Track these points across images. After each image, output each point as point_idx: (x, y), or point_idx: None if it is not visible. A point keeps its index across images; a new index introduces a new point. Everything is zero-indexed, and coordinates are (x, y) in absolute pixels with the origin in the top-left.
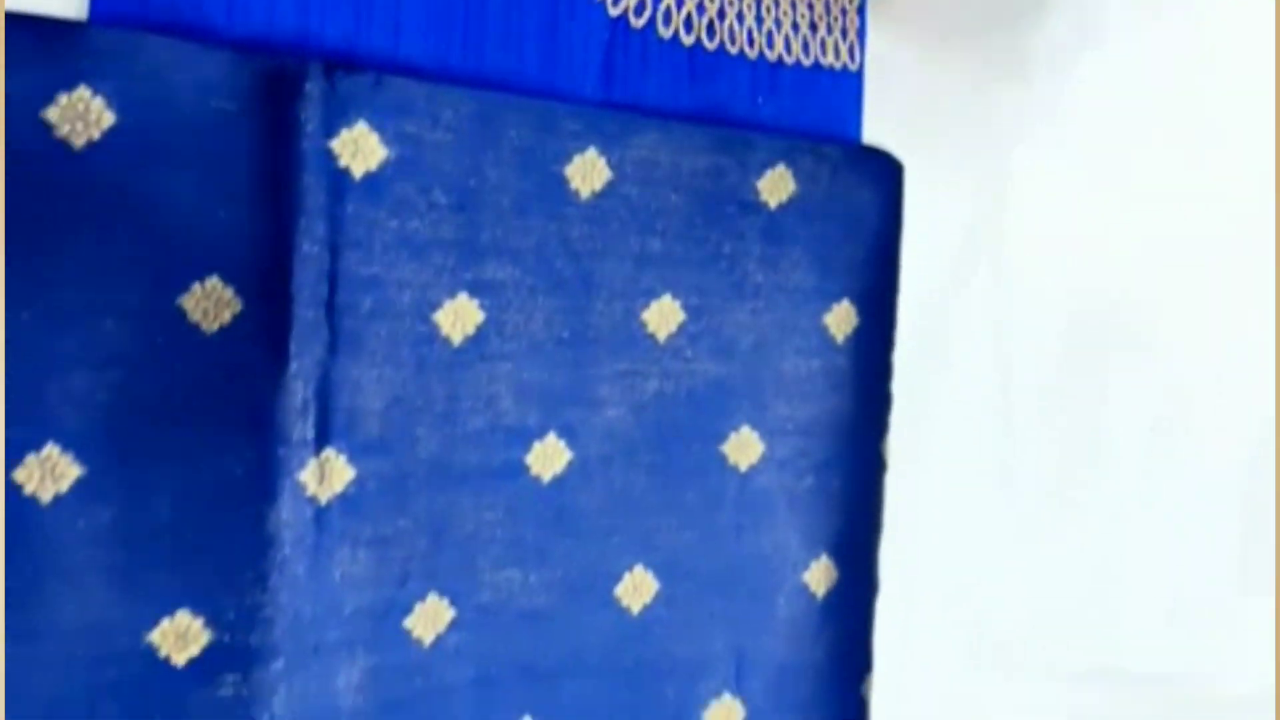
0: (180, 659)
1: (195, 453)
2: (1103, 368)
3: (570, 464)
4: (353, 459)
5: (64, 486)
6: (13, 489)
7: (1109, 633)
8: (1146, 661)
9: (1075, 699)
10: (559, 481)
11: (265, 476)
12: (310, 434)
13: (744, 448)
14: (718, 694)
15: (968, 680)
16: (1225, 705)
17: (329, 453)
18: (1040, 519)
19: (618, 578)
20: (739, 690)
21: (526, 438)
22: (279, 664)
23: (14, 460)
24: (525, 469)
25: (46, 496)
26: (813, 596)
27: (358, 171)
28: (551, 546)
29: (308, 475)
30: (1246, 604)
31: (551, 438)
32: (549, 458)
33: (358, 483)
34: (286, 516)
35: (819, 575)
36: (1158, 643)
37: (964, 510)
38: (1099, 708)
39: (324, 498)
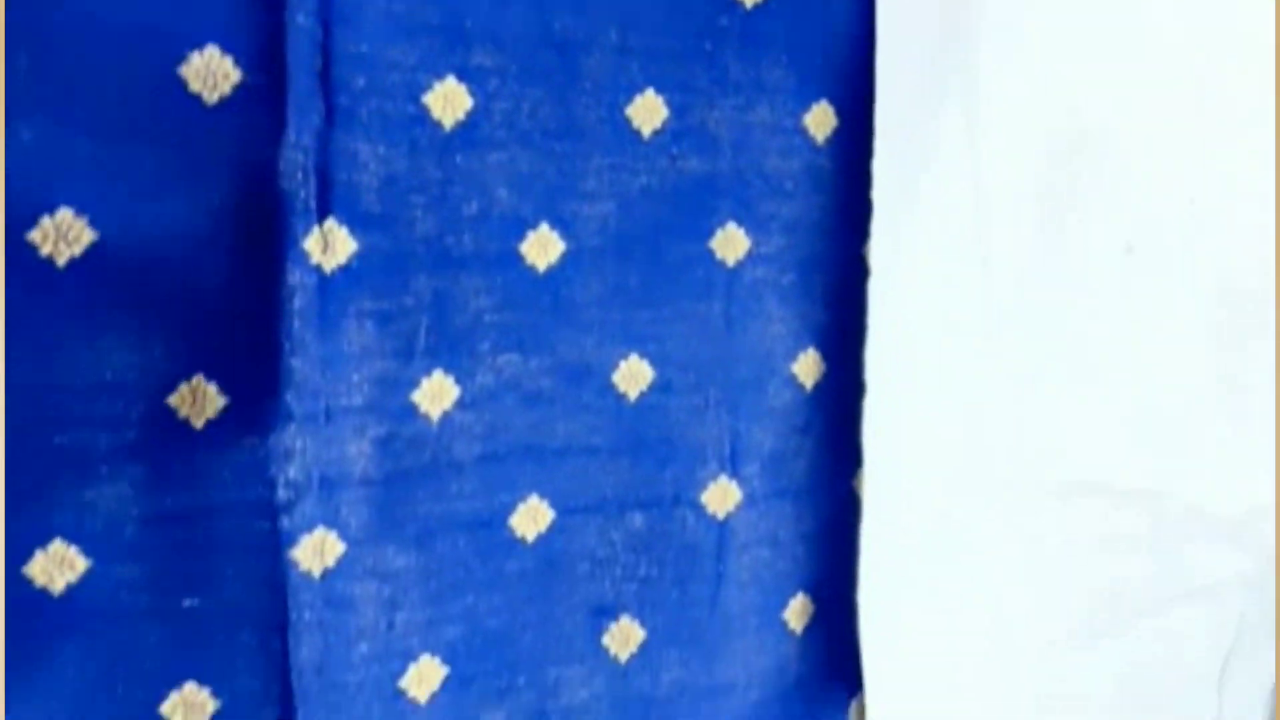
0: (199, 421)
1: (202, 219)
2: (1077, 188)
3: (564, 255)
4: (353, 232)
5: (78, 251)
6: (28, 249)
7: (1092, 450)
8: (1131, 478)
9: (1062, 513)
10: (554, 272)
11: (271, 242)
12: (312, 203)
13: (730, 243)
14: (715, 476)
15: (956, 491)
16: (1211, 522)
17: (330, 223)
18: (1020, 335)
19: (614, 365)
20: (735, 474)
21: (520, 227)
22: (292, 428)
23: (29, 221)
24: (520, 258)
25: (62, 260)
26: (801, 387)
27: None
28: (549, 334)
29: (311, 243)
30: (1226, 424)
31: (545, 228)
32: (543, 248)
33: (360, 256)
34: (293, 282)
35: (807, 366)
36: (1140, 460)
37: (946, 326)
38: (1086, 521)
39: (328, 267)
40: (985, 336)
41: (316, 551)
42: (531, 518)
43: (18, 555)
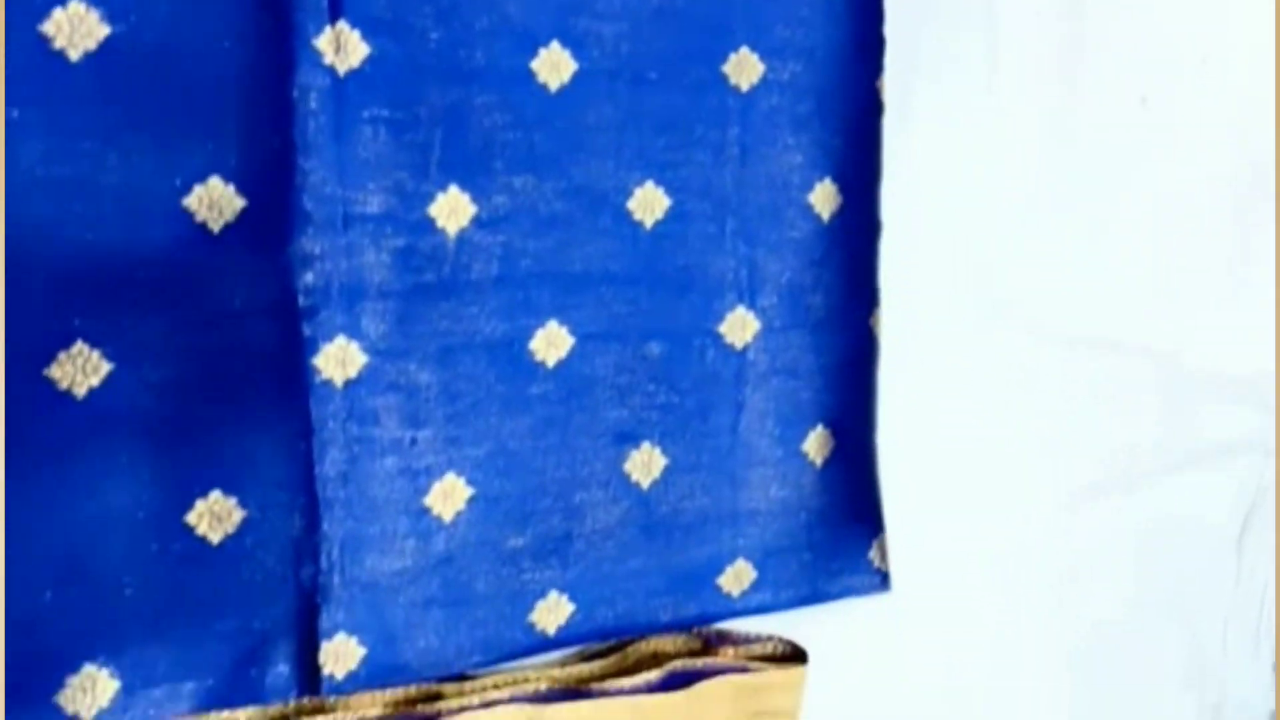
0: (216, 227)
1: (213, 16)
2: (1092, 34)
3: (576, 75)
4: (365, 36)
5: (92, 45)
6: (41, 41)
7: (1103, 304)
8: (1142, 335)
9: (1077, 365)
10: (566, 92)
11: (283, 40)
12: (323, 2)
13: (744, 67)
14: (732, 307)
15: (972, 338)
16: (1223, 383)
17: (342, 25)
18: (1033, 183)
19: (629, 192)
20: (752, 304)
21: (532, 43)
22: (310, 231)
23: (41, 12)
24: (532, 75)
25: (76, 54)
26: (818, 218)
27: None
28: (563, 156)
29: (324, 43)
30: (1240, 282)
31: (556, 46)
32: (555, 66)
33: (372, 61)
34: (306, 82)
35: (823, 197)
36: (1152, 317)
37: (958, 173)
38: (1096, 375)
39: (341, 70)
40: (998, 184)
41: (339, 361)
42: (551, 342)
43: (39, 357)
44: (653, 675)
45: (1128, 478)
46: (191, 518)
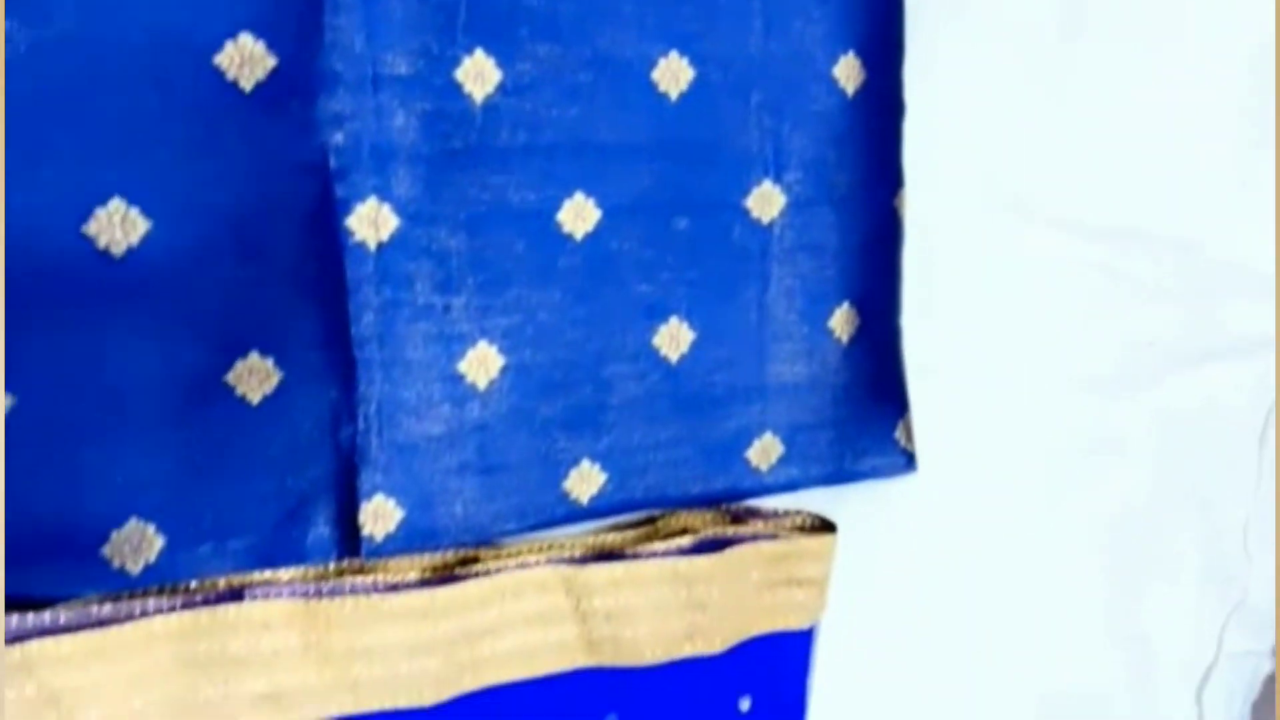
0: (248, 86)
1: None
2: None
3: None
4: None
5: None
6: None
7: (1128, 194)
8: (1167, 227)
9: (1099, 254)
10: None
11: None
12: None
13: None
14: (759, 181)
15: (995, 224)
16: (1246, 277)
17: None
18: (1056, 72)
19: (653, 62)
20: (778, 179)
21: None
22: (341, 92)
23: None
24: None
25: None
26: (842, 93)
27: None
28: (586, 24)
29: None
30: (1263, 177)
31: None
32: None
33: None
34: None
35: (847, 71)
36: (1177, 209)
37: (981, 57)
38: (1123, 265)
39: None
40: (1022, 72)
41: (371, 223)
42: (579, 214)
43: (77, 214)
44: (685, 541)
45: (1147, 370)
46: (231, 378)
